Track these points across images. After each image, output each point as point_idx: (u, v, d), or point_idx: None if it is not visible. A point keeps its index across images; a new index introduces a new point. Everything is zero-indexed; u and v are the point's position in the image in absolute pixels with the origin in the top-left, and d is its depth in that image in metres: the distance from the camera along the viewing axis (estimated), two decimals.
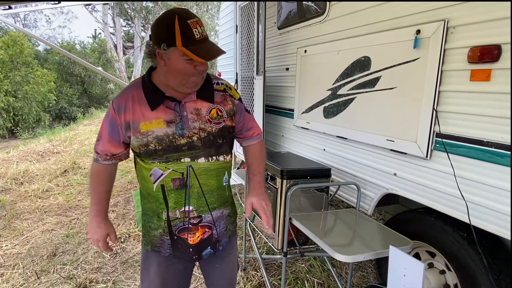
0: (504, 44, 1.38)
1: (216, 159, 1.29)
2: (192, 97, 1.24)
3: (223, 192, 1.37)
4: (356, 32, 2.20)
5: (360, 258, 1.58)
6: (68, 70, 16.67)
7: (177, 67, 1.14)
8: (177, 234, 1.31)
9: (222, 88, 1.34)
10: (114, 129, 1.24)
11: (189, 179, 1.25)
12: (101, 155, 1.29)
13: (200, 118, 1.24)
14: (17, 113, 12.49)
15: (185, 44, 1.09)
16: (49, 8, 14.11)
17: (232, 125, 1.34)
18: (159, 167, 1.23)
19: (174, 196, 1.26)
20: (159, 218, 1.31)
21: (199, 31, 1.11)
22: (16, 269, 2.67)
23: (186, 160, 1.23)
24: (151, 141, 1.20)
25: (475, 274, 1.62)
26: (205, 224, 1.33)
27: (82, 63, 4.96)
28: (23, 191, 4.48)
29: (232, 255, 1.52)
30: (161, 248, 1.36)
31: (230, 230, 1.45)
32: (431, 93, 1.67)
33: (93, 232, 1.35)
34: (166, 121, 1.21)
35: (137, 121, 1.20)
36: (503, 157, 1.41)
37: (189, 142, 1.23)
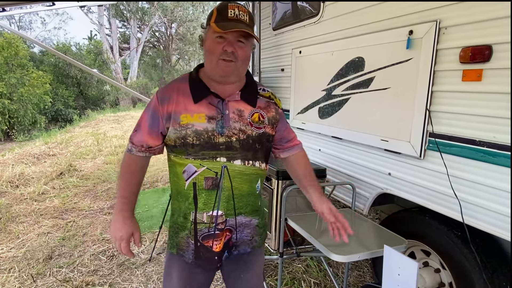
0: (495, 44, 1.39)
1: (252, 164, 1.25)
2: (235, 97, 1.23)
3: (255, 200, 1.32)
4: (350, 33, 2.22)
5: (355, 258, 1.58)
6: (64, 72, 16.58)
7: (208, 46, 1.16)
8: (201, 241, 1.25)
9: (267, 95, 1.33)
10: (155, 120, 1.22)
11: (222, 180, 1.21)
12: (137, 145, 1.26)
13: (241, 119, 1.22)
14: (12, 115, 12.40)
15: (216, 21, 1.12)
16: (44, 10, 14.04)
17: (272, 133, 1.31)
18: (193, 164, 1.20)
19: (205, 196, 1.22)
20: (186, 219, 1.26)
21: (235, 12, 1.13)
22: (12, 273, 2.66)
23: (222, 159, 1.20)
24: (190, 134, 1.17)
25: (469, 272, 1.64)
26: (228, 228, 1.27)
27: (77, 65, 4.94)
28: (18, 194, 4.45)
29: (257, 267, 1.44)
30: (186, 252, 1.29)
31: (257, 241, 1.37)
32: (424, 93, 1.69)
33: (117, 229, 1.23)
34: (208, 117, 1.19)
35: (179, 112, 1.18)
36: (495, 156, 1.43)
37: (228, 142, 1.19)
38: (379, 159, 2.07)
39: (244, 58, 1.18)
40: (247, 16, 1.16)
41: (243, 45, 1.16)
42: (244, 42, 1.16)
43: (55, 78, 16.12)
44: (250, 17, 1.17)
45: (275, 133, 1.33)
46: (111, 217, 1.26)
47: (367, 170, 2.18)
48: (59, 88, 16.17)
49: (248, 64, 1.25)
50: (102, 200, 4.26)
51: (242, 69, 1.21)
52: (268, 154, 1.36)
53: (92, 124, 11.28)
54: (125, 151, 1.31)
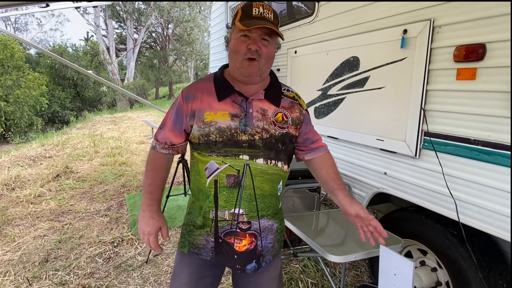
0: (489, 43, 1.39)
1: (274, 164, 1.24)
2: (259, 96, 1.23)
3: (276, 201, 1.30)
4: (344, 33, 2.21)
5: (351, 258, 1.58)
6: (60, 73, 16.53)
7: (233, 45, 1.17)
8: (223, 237, 1.24)
9: (291, 95, 1.32)
10: (179, 117, 1.24)
11: (244, 178, 1.20)
12: (161, 142, 1.28)
13: (265, 118, 1.22)
14: (8, 117, 12.34)
15: (241, 19, 1.13)
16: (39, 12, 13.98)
17: (296, 134, 1.29)
18: (216, 161, 1.20)
19: (226, 194, 1.21)
20: (205, 218, 1.25)
21: (259, 10, 1.13)
22: (8, 276, 2.64)
23: (245, 157, 1.19)
24: (213, 131, 1.18)
25: (466, 271, 1.64)
26: (253, 233, 1.25)
27: (72, 66, 4.92)
28: (14, 197, 4.42)
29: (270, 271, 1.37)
30: (203, 250, 1.28)
31: (276, 249, 1.34)
32: (419, 92, 1.69)
33: (145, 224, 1.24)
34: (231, 114, 1.19)
35: (203, 110, 1.20)
36: (489, 155, 1.43)
37: (250, 140, 1.19)
38: (375, 159, 2.07)
39: (268, 57, 1.17)
40: (272, 14, 1.17)
41: (268, 43, 1.16)
42: (269, 40, 1.16)
43: (51, 79, 16.07)
44: (275, 15, 1.18)
45: (298, 134, 1.31)
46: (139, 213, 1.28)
47: (363, 170, 2.18)
48: (55, 90, 16.13)
49: (272, 63, 1.25)
50: (99, 202, 4.24)
51: (266, 68, 1.21)
52: (291, 156, 1.35)
53: (89, 125, 11.24)
54: (150, 147, 1.32)
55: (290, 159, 1.33)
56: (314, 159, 1.38)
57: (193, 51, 24.55)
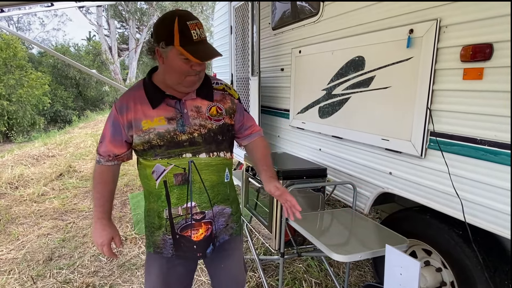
0: (496, 42, 1.39)
1: (217, 155, 1.32)
2: (191, 95, 1.28)
3: (224, 188, 1.38)
4: (349, 32, 2.21)
5: (357, 257, 1.58)
6: (63, 73, 16.55)
7: (175, 66, 1.18)
8: (179, 232, 1.31)
9: (221, 88, 1.39)
10: (117, 130, 1.27)
11: (191, 174, 1.27)
12: (104, 156, 1.32)
13: (200, 115, 1.28)
14: (11, 116, 12.38)
15: (182, 44, 1.12)
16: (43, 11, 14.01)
17: (231, 123, 1.37)
18: (161, 163, 1.26)
19: (177, 192, 1.28)
20: (160, 217, 1.32)
21: (197, 32, 1.15)
22: (12, 275, 2.65)
23: (188, 155, 1.26)
24: (153, 138, 1.23)
25: (471, 271, 1.63)
26: (207, 220, 1.34)
27: (75, 65, 4.93)
28: (18, 196, 4.44)
29: (236, 255, 1.51)
30: (164, 249, 1.35)
31: (233, 229, 1.45)
32: (425, 92, 1.68)
33: (98, 236, 1.32)
34: (167, 118, 1.24)
35: (139, 119, 1.24)
36: (496, 155, 1.42)
37: (190, 138, 1.26)
38: (380, 159, 2.06)
39: (205, 69, 1.25)
40: (203, 30, 1.18)
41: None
42: None
43: (54, 79, 16.09)
44: (203, 29, 1.20)
45: (234, 123, 1.39)
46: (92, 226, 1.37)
47: (367, 170, 2.18)
48: (58, 89, 16.15)
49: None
50: None
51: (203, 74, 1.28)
52: (232, 144, 1.43)
53: (91, 125, 11.26)
54: (95, 162, 1.36)
55: (232, 146, 1.43)
56: (248, 144, 1.51)
57: None
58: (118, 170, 1.40)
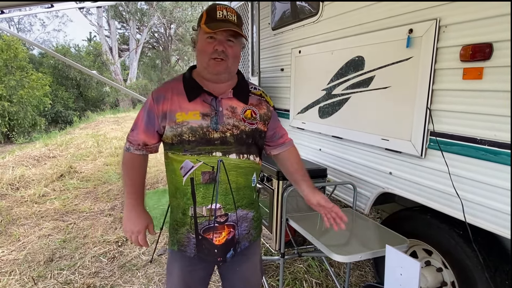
0: (496, 42, 1.39)
1: (247, 158, 1.30)
2: (228, 94, 1.28)
3: (251, 192, 1.36)
4: (349, 32, 2.21)
5: (357, 258, 1.58)
6: (64, 73, 16.57)
7: (200, 47, 1.22)
8: (202, 234, 1.29)
9: (259, 93, 1.38)
10: (151, 119, 1.27)
11: (219, 174, 1.25)
12: (134, 144, 1.31)
13: (235, 115, 1.27)
14: (12, 117, 12.39)
15: (206, 22, 1.19)
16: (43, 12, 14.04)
17: (264, 130, 1.35)
18: (190, 159, 1.24)
19: (203, 190, 1.26)
20: (185, 215, 1.30)
21: (223, 13, 1.19)
22: (13, 276, 2.65)
23: (218, 154, 1.25)
24: (185, 131, 1.22)
25: (471, 271, 1.63)
26: (230, 224, 1.31)
27: (76, 66, 4.94)
28: (19, 197, 4.45)
29: (253, 259, 1.48)
30: (187, 247, 1.33)
31: (252, 235, 1.41)
32: (425, 91, 1.68)
33: (133, 223, 1.29)
34: (202, 114, 1.24)
35: (174, 111, 1.23)
36: (496, 155, 1.42)
37: (222, 137, 1.24)
38: (380, 159, 2.06)
39: (234, 56, 1.24)
40: (235, 16, 1.22)
41: (233, 43, 1.22)
42: (234, 41, 1.22)
43: (54, 80, 16.11)
44: (238, 17, 1.24)
45: (267, 130, 1.37)
46: (124, 214, 1.31)
47: (368, 170, 2.17)
48: (58, 90, 16.17)
49: (239, 62, 1.30)
50: (103, 202, 4.25)
51: (233, 67, 1.27)
52: (261, 150, 1.41)
53: (92, 125, 11.28)
54: (123, 149, 1.35)
55: (261, 152, 1.42)
56: (280, 154, 1.48)
57: (195, 51, 24.49)
58: (146, 162, 1.37)
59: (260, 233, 1.51)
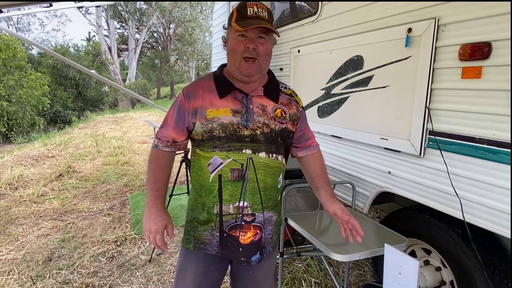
0: (495, 41, 1.39)
1: (275, 157, 1.28)
2: (259, 92, 1.27)
3: (276, 194, 1.33)
4: (348, 32, 2.21)
5: (356, 257, 1.58)
6: (62, 73, 16.57)
7: (231, 46, 1.20)
8: (227, 231, 1.26)
9: (289, 92, 1.37)
10: (181, 115, 1.26)
11: (248, 172, 1.23)
12: (163, 140, 1.30)
13: (265, 113, 1.26)
14: (11, 117, 12.39)
15: (237, 20, 1.17)
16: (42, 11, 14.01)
17: (293, 130, 1.33)
18: (219, 156, 1.22)
19: (231, 188, 1.23)
20: (210, 213, 1.27)
21: (254, 10, 1.17)
22: (12, 275, 2.65)
23: (248, 151, 1.22)
24: (216, 127, 1.21)
25: (470, 270, 1.63)
26: (257, 225, 1.28)
27: (75, 66, 4.92)
28: (17, 196, 4.44)
29: (267, 264, 1.42)
30: (208, 245, 1.29)
31: (273, 240, 1.38)
32: (423, 91, 1.68)
33: (152, 222, 1.24)
34: (233, 110, 1.22)
35: (205, 107, 1.22)
36: (495, 154, 1.42)
37: (252, 135, 1.23)
38: (379, 158, 2.06)
39: (265, 54, 1.21)
40: (266, 12, 1.20)
41: (264, 41, 1.19)
42: (265, 38, 1.19)
43: (53, 79, 16.11)
44: (269, 13, 1.21)
45: (295, 130, 1.35)
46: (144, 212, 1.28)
47: (367, 169, 2.17)
48: (57, 90, 16.17)
49: (270, 59, 1.27)
50: (102, 202, 4.25)
51: (265, 65, 1.24)
52: (288, 151, 1.39)
53: (91, 125, 11.26)
54: (151, 146, 1.34)
55: (287, 154, 1.39)
56: (305, 157, 1.44)
57: (194, 51, 24.54)
58: (173, 158, 1.36)
59: (279, 238, 1.48)
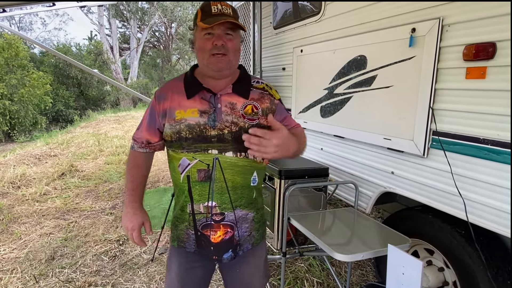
0: (499, 41, 1.38)
1: (245, 156, 1.27)
2: (227, 90, 1.26)
3: (250, 192, 1.32)
4: (351, 31, 2.21)
5: (359, 257, 1.58)
6: (64, 72, 16.59)
7: (198, 44, 1.21)
8: (201, 230, 1.29)
9: (261, 87, 1.34)
10: (152, 117, 1.30)
11: (214, 172, 1.24)
12: (138, 142, 1.35)
13: (234, 112, 1.25)
14: (13, 116, 12.42)
15: (202, 19, 1.17)
16: (44, 11, 14.04)
17: (268, 125, 1.29)
18: (187, 157, 1.25)
19: (199, 188, 1.26)
20: (183, 212, 1.31)
21: (218, 7, 1.18)
22: (15, 274, 2.66)
23: (214, 152, 1.23)
24: (183, 128, 1.23)
25: (473, 271, 1.63)
26: (227, 223, 1.29)
27: (77, 65, 4.94)
28: (20, 195, 4.45)
29: (255, 262, 1.43)
30: (187, 243, 1.33)
31: (255, 237, 1.37)
32: (427, 91, 1.68)
33: (129, 220, 1.31)
34: (200, 111, 1.23)
35: (174, 109, 1.24)
36: (499, 154, 1.42)
37: (219, 135, 1.23)
38: (382, 158, 2.06)
39: (234, 50, 1.22)
40: (230, 9, 1.21)
41: (232, 37, 1.20)
42: (233, 34, 1.20)
43: (55, 78, 16.13)
44: (234, 10, 1.23)
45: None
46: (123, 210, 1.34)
47: (369, 169, 2.17)
48: (59, 89, 16.19)
49: (239, 55, 1.29)
50: (104, 201, 4.26)
51: (235, 61, 1.26)
52: None
53: (93, 124, 11.28)
54: (129, 149, 1.39)
55: None
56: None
57: None
58: (151, 159, 1.41)
59: (264, 235, 1.47)
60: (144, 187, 1.38)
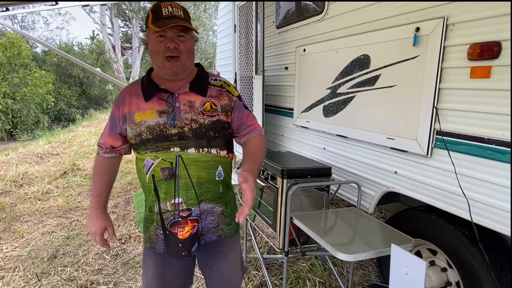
0: (504, 41, 1.38)
1: (207, 151, 1.29)
2: (185, 89, 1.28)
3: (216, 187, 1.34)
4: (355, 31, 2.20)
5: (362, 257, 1.57)
6: (67, 71, 16.62)
7: (151, 47, 1.22)
8: (169, 228, 1.32)
9: (219, 84, 1.37)
10: (113, 122, 1.32)
11: (178, 169, 1.27)
12: (102, 147, 1.37)
13: (193, 109, 1.27)
14: (15, 115, 12.46)
15: (153, 21, 1.18)
16: (47, 10, 14.07)
17: (228, 121, 1.34)
18: (150, 157, 1.27)
19: (164, 186, 1.28)
20: (151, 212, 1.34)
21: (169, 10, 1.18)
22: (17, 272, 2.66)
23: (176, 149, 1.26)
24: (144, 130, 1.25)
25: (477, 271, 1.62)
26: (194, 218, 1.32)
27: (80, 64, 4.95)
28: (22, 194, 4.47)
29: (230, 257, 1.47)
30: (156, 244, 1.36)
31: (223, 230, 1.40)
32: (431, 90, 1.67)
33: (92, 225, 1.37)
34: (159, 111, 1.25)
35: (133, 112, 1.27)
36: (504, 154, 1.41)
37: (180, 133, 1.25)
38: (385, 158, 2.05)
39: (188, 51, 1.24)
40: (181, 11, 1.22)
41: (184, 39, 1.22)
42: (185, 36, 1.22)
43: (57, 77, 16.17)
44: (185, 12, 1.24)
45: (231, 121, 1.35)
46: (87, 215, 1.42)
47: (372, 169, 2.16)
48: (61, 88, 16.23)
49: (194, 56, 1.30)
50: None
51: (189, 62, 1.28)
52: (229, 142, 1.39)
53: (94, 123, 11.30)
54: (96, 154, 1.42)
55: (228, 145, 1.38)
56: (246, 141, 1.41)
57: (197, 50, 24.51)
58: (117, 163, 1.44)
59: (237, 229, 1.47)
60: (108, 193, 1.42)
